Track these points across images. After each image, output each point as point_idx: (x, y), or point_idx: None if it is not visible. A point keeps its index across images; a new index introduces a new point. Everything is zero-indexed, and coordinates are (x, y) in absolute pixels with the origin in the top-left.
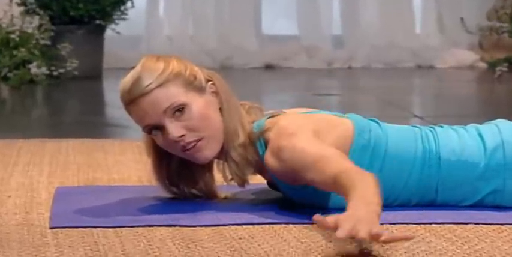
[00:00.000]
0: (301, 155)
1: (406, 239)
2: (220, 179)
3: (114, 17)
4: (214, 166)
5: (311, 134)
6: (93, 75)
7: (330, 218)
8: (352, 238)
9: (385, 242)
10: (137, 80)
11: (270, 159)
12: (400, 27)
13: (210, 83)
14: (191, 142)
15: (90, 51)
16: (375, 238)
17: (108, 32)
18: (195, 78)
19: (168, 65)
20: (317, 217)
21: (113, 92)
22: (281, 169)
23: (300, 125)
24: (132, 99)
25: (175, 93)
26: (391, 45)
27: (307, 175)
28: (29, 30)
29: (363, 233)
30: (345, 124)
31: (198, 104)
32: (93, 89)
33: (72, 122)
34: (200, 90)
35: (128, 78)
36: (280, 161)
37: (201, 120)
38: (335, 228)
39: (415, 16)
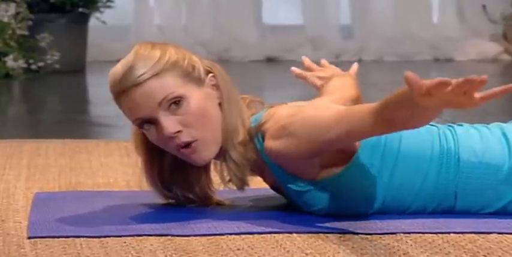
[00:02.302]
0: (315, 120)
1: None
2: (217, 182)
3: (99, 4)
4: (211, 167)
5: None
6: (75, 69)
7: (425, 81)
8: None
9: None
10: (129, 69)
11: (272, 144)
12: (415, 16)
13: (210, 75)
14: (186, 142)
15: (73, 43)
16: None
17: (93, 21)
18: (194, 68)
19: (165, 53)
20: (410, 73)
21: (97, 87)
22: (289, 150)
23: (299, 109)
24: (123, 90)
25: (172, 85)
26: (406, 36)
27: (336, 132)
28: (5, 19)
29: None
30: None
31: (196, 97)
32: (76, 85)
33: (53, 121)
34: (199, 82)
35: (119, 67)
36: (289, 137)
37: (199, 115)
38: (424, 91)
39: (432, 4)
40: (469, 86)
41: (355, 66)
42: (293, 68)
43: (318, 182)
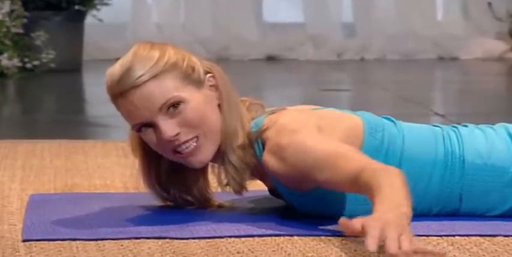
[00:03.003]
0: (307, 153)
1: (439, 255)
2: (216, 184)
3: (96, 1)
4: (209, 169)
5: (315, 131)
6: (71, 67)
7: (357, 221)
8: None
9: (416, 252)
10: (128, 71)
11: (269, 159)
12: (419, 14)
13: (209, 75)
14: (187, 141)
15: (69, 41)
16: (404, 245)
17: (89, 19)
18: (193, 70)
19: (164, 54)
20: (343, 220)
21: (94, 86)
22: (283, 170)
23: (302, 122)
24: (120, 92)
25: (171, 88)
26: (409, 34)
27: (319, 175)
28: None
29: (391, 239)
30: (354, 122)
31: (195, 100)
32: (72, 84)
33: (48, 121)
34: (198, 83)
35: (117, 68)
36: (281, 160)
37: (198, 119)
38: (362, 233)
39: (437, 1)
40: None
41: None
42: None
43: (315, 190)
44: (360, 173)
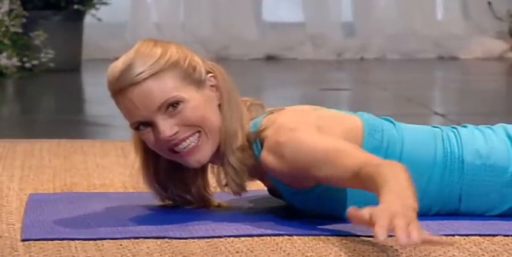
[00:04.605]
0: (306, 150)
1: (446, 244)
2: (215, 184)
3: (95, 1)
4: (209, 168)
5: (314, 129)
6: (70, 67)
7: (365, 211)
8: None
9: (424, 242)
10: (128, 67)
11: (267, 157)
12: (419, 13)
13: (210, 75)
14: (187, 138)
15: (68, 40)
16: (413, 234)
17: (88, 19)
18: (194, 70)
19: (165, 52)
20: (352, 209)
21: (93, 86)
22: (281, 168)
23: (300, 121)
24: (120, 89)
25: (171, 87)
26: (409, 33)
27: (319, 172)
28: None
29: (400, 228)
30: (353, 122)
31: (195, 100)
32: (71, 83)
33: (47, 121)
34: (199, 84)
35: (118, 64)
36: (280, 158)
37: (197, 118)
38: (370, 223)
39: (436, 0)
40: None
41: None
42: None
43: (314, 188)
44: (361, 168)
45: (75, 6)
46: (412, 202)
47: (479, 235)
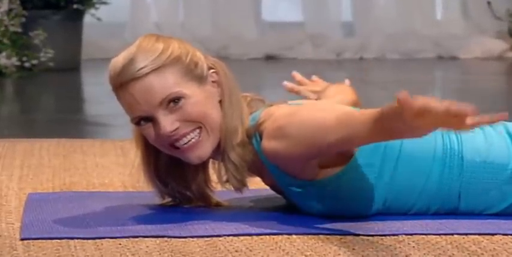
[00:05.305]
0: (312, 123)
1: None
2: (216, 181)
3: (95, 0)
4: (210, 164)
5: (315, 110)
6: (70, 66)
7: (417, 99)
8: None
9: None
10: (129, 62)
11: (269, 144)
12: (418, 13)
13: (212, 71)
14: (188, 134)
15: (67, 40)
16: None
17: (88, 18)
18: (196, 65)
19: (167, 48)
20: (403, 94)
21: (92, 85)
22: (287, 149)
23: (299, 107)
24: (121, 83)
25: (172, 83)
26: (409, 33)
27: (331, 137)
28: None
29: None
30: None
31: (196, 96)
32: (71, 83)
33: (47, 120)
34: (200, 79)
35: (120, 59)
36: (284, 139)
37: (198, 114)
38: (420, 113)
39: (436, 0)
40: (459, 114)
41: (347, 81)
42: (285, 83)
43: (317, 182)
44: (368, 116)
45: (75, 6)
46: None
47: (479, 234)
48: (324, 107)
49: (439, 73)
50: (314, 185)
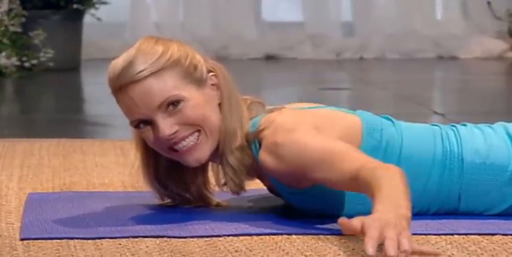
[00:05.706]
0: (305, 152)
1: (435, 255)
2: (215, 183)
3: (95, 0)
4: (209, 167)
5: (313, 130)
6: (70, 66)
7: (356, 221)
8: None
9: (414, 253)
10: (129, 64)
11: (265, 157)
12: (418, 13)
13: (211, 74)
14: (187, 137)
15: (67, 40)
16: (403, 245)
17: (88, 18)
18: (195, 68)
19: (167, 50)
20: (342, 219)
21: (92, 85)
22: (279, 168)
23: (299, 121)
24: (120, 86)
25: (171, 86)
26: (409, 33)
27: (316, 174)
28: None
29: (391, 239)
30: (352, 121)
31: (195, 99)
32: (70, 83)
33: (47, 120)
34: (199, 82)
35: (119, 61)
36: (278, 159)
37: (197, 117)
38: (361, 232)
39: (436, 0)
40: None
41: None
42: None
43: (312, 188)
44: (358, 172)
45: (75, 6)
46: (405, 211)
47: (479, 234)
48: (321, 137)
49: (439, 73)
50: (310, 191)
